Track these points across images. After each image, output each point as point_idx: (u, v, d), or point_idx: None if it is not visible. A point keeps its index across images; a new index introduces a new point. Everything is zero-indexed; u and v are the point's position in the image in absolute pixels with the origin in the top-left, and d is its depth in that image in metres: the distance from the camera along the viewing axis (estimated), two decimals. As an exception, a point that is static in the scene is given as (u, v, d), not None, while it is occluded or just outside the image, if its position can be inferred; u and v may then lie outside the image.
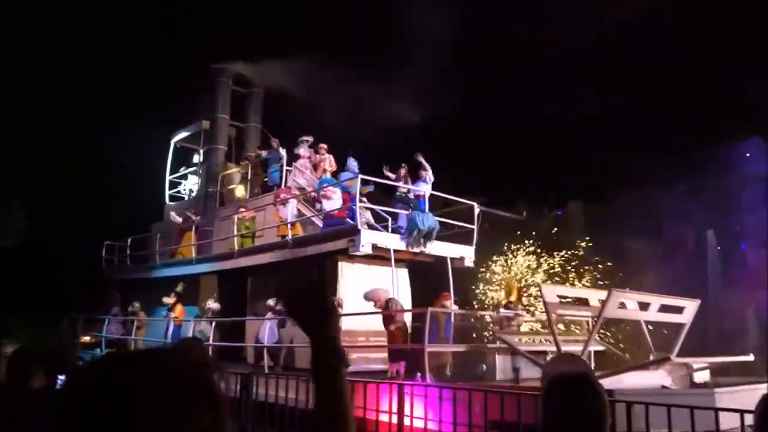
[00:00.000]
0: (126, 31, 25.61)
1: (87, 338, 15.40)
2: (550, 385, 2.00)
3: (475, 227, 12.39)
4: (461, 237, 13.14)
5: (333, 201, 11.87)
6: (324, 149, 13.57)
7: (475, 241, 12.50)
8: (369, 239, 11.06)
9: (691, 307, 9.29)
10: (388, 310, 10.01)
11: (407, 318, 10.88)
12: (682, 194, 27.86)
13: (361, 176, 11.62)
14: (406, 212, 11.94)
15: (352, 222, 11.22)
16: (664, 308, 9.11)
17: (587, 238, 25.93)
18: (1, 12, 21.07)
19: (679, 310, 9.15)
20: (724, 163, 26.87)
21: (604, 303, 8.28)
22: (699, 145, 26.57)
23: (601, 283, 21.07)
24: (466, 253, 12.45)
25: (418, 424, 7.35)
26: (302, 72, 15.13)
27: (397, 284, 11.56)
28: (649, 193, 28.32)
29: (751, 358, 9.53)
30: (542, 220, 29.64)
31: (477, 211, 12.40)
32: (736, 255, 26.75)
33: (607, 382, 6.32)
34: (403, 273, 12.65)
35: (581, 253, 24.60)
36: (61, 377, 3.38)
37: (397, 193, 12.38)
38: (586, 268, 24.34)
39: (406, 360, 9.42)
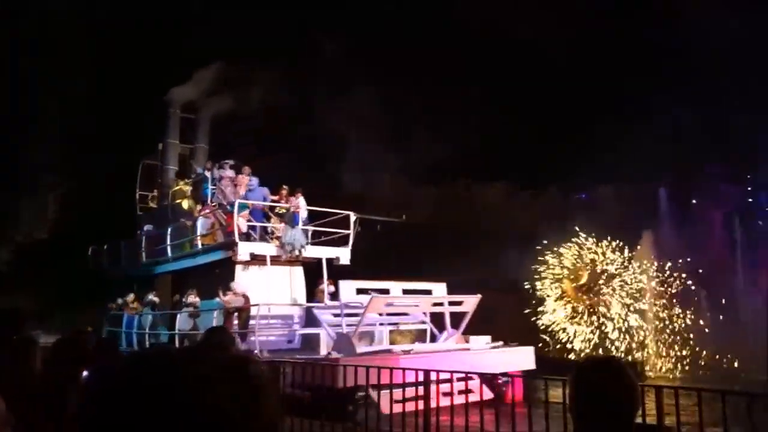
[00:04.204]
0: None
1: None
2: (578, 370, 2.11)
3: (351, 232, 14.63)
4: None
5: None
6: (246, 172, 15.70)
7: (351, 243, 14.65)
8: (247, 249, 13.58)
9: (472, 300, 12.68)
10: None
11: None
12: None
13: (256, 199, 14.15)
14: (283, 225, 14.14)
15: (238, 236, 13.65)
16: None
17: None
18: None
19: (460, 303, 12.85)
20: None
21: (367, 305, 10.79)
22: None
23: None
24: (342, 254, 14.79)
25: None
26: (246, 97, 17.69)
27: (291, 281, 14.82)
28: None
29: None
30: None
31: (353, 218, 14.50)
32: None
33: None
34: (298, 271, 15.05)
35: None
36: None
37: (276, 211, 14.74)
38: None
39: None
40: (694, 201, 27.46)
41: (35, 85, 27.24)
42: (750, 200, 26.76)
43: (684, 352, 21.66)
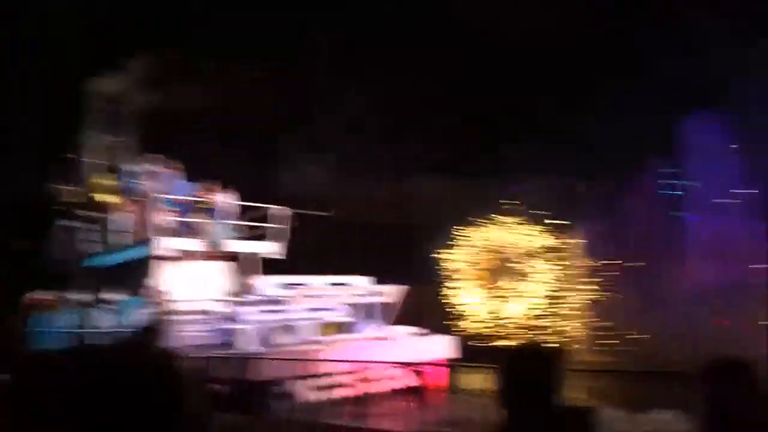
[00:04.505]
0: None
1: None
2: (509, 359, 2.19)
3: (284, 226, 14.70)
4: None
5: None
6: (172, 166, 15.37)
7: (285, 237, 14.74)
8: (169, 244, 13.39)
9: (396, 290, 13.31)
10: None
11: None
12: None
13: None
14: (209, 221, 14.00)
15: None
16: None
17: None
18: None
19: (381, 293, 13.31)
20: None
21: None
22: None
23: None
24: (274, 248, 14.82)
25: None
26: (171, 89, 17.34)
27: (218, 276, 14.72)
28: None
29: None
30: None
31: (287, 213, 14.72)
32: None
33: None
34: (226, 266, 15.05)
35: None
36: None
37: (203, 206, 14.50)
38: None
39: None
40: (625, 193, 28.64)
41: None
42: (679, 193, 28.03)
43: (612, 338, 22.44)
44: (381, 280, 13.91)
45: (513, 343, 21.73)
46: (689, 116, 25.56)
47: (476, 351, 21.53)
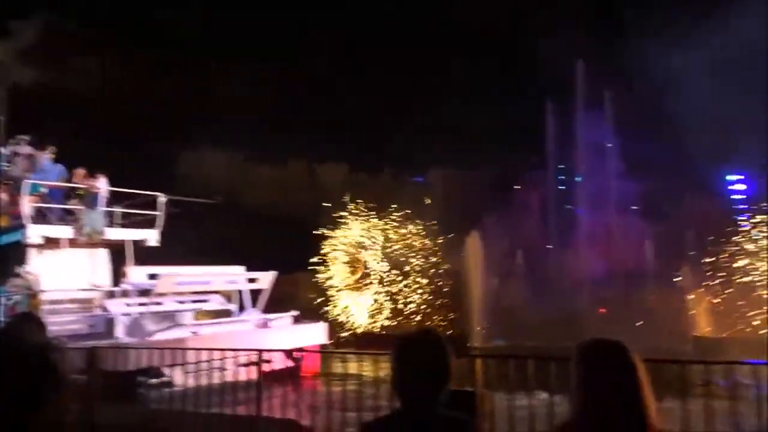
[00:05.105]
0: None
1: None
2: (399, 344, 2.22)
3: (160, 213, 14.15)
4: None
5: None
6: (45, 150, 14.20)
7: (161, 225, 14.20)
8: (39, 232, 12.47)
9: (267, 276, 13.16)
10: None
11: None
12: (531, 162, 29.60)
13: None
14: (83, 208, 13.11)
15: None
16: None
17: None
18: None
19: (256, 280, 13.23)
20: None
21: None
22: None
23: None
24: (150, 236, 14.31)
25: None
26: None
27: (92, 264, 13.99)
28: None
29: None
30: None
31: (163, 200, 13.88)
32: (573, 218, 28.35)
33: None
34: (101, 254, 14.28)
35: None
36: None
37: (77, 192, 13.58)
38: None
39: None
40: (516, 186, 29.84)
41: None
42: (562, 187, 29.57)
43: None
44: (261, 267, 13.86)
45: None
46: (578, 116, 27.20)
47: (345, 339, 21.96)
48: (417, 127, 28.20)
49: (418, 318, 22.90)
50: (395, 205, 25.34)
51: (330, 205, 23.32)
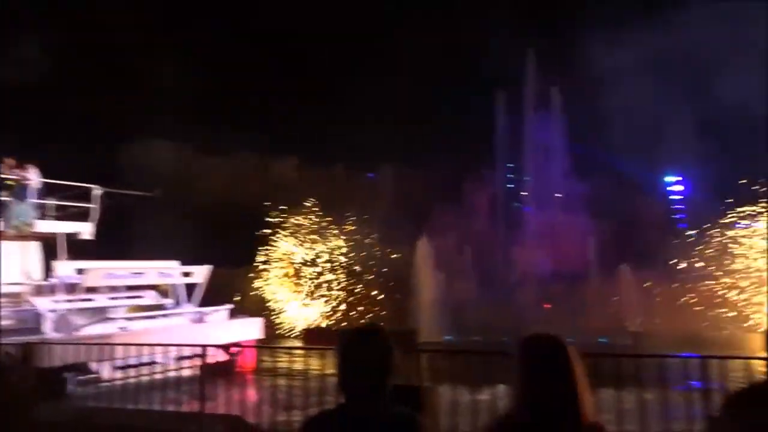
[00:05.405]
0: None
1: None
2: (342, 340, 2.22)
3: (95, 206, 13.93)
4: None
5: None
6: None
7: (96, 218, 13.95)
8: None
9: (202, 270, 13.20)
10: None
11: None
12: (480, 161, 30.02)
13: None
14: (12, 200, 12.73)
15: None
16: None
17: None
18: None
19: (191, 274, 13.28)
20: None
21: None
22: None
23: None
24: (84, 228, 14.06)
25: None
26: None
27: (22, 257, 13.47)
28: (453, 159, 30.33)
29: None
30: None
31: (98, 192, 13.74)
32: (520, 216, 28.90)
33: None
34: (31, 246, 13.84)
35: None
36: None
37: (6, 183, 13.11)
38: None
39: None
40: (465, 184, 30.22)
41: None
42: (511, 185, 30.15)
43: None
44: (196, 261, 13.72)
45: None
46: (526, 117, 27.79)
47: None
48: (369, 123, 28.15)
49: (368, 315, 22.91)
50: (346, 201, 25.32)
51: (282, 208, 22.97)
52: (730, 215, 21.09)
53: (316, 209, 24.52)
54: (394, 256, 24.26)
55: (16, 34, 19.26)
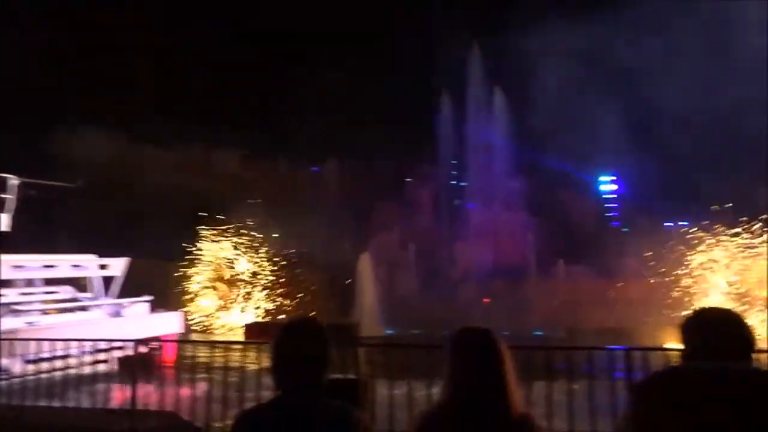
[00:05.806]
0: None
1: None
2: (279, 332, 2.16)
3: (11, 197, 13.23)
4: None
5: None
6: None
7: (12, 209, 13.25)
8: None
9: (119, 263, 13.13)
10: None
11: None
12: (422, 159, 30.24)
13: None
14: None
15: None
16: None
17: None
18: None
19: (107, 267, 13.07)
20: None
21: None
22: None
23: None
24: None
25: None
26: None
27: None
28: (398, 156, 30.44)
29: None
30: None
31: (15, 183, 13.25)
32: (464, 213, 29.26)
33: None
34: None
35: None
36: None
37: None
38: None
39: None
40: (408, 179, 30.45)
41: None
42: (454, 182, 30.55)
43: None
44: (124, 254, 13.39)
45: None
46: (469, 116, 28.20)
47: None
48: (314, 117, 27.96)
49: (311, 310, 22.67)
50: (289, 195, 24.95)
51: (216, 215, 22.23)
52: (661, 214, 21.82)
53: (258, 200, 23.96)
54: (339, 249, 24.00)
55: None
